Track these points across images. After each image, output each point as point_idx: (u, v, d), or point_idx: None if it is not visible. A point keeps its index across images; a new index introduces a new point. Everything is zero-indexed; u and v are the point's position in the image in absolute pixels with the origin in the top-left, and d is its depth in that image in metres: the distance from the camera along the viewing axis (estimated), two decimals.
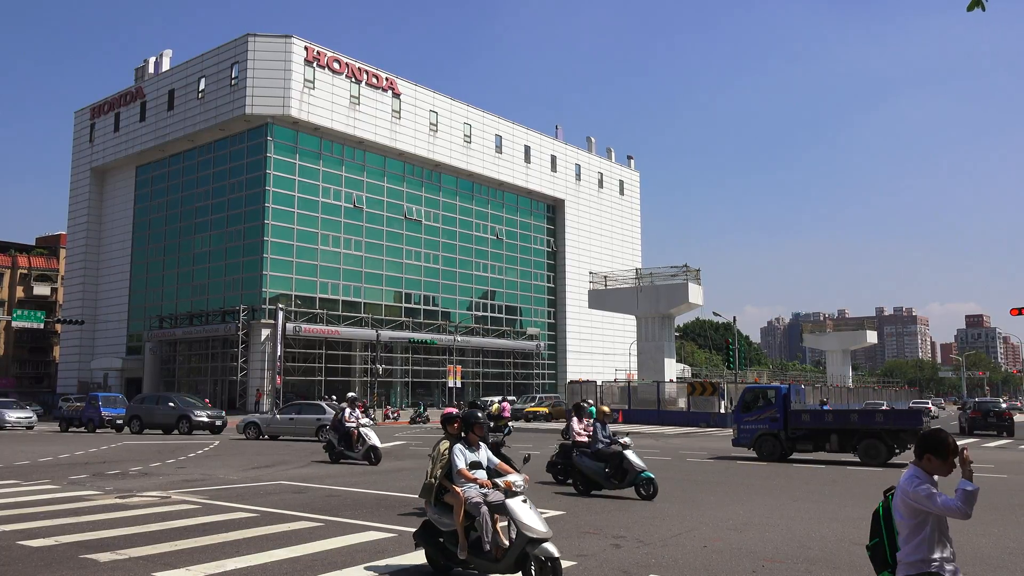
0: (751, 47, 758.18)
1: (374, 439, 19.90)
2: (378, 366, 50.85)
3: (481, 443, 7.75)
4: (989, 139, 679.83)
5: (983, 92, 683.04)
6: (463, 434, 7.74)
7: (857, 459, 21.19)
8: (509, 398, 57.36)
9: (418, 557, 8.44)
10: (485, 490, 7.27)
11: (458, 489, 7.31)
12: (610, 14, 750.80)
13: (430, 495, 7.47)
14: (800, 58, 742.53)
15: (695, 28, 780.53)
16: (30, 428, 38.47)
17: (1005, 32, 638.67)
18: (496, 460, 7.79)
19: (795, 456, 22.42)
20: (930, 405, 65.76)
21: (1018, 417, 66.62)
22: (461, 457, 7.47)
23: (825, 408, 26.03)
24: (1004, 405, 39.58)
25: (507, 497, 7.01)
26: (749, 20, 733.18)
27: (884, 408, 22.47)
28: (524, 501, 6.99)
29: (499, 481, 7.12)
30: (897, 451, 20.92)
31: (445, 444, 7.65)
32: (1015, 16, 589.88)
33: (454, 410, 7.86)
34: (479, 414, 7.68)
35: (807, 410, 23.31)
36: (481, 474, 7.47)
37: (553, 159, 77.91)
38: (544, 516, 11.19)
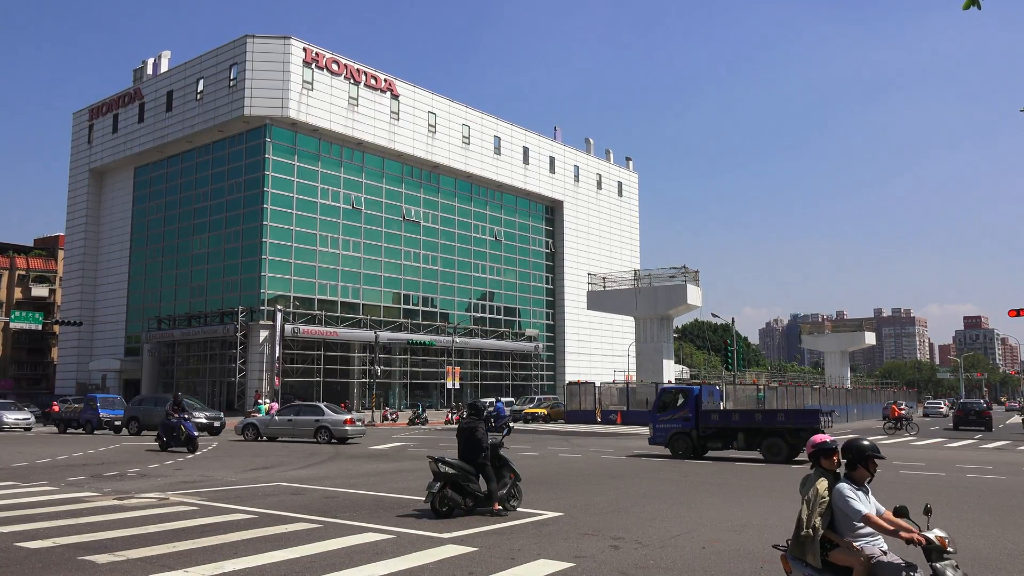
0: (749, 49, 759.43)
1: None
2: (376, 367, 50.80)
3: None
4: (988, 139, 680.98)
5: (981, 92, 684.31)
6: (839, 469, 5.87)
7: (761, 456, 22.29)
8: (506, 399, 57.44)
9: (416, 559, 8.43)
10: (883, 544, 5.56)
11: (856, 545, 5.53)
12: (608, 15, 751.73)
13: (806, 551, 5.61)
14: (797, 59, 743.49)
15: (693, 30, 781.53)
16: (28, 430, 38.43)
17: (1000, 33, 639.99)
18: (882, 508, 5.78)
19: (722, 454, 23.42)
20: (942, 405, 70.81)
21: (1017, 418, 67.19)
22: (858, 501, 5.57)
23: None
24: (984, 405, 45.79)
25: (934, 560, 5.24)
26: (747, 22, 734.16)
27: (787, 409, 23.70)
28: (956, 567, 5.28)
29: (930, 535, 5.29)
30: (803, 448, 21.60)
31: (823, 483, 5.73)
32: (1011, 16, 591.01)
33: (827, 437, 6.01)
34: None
35: (716, 410, 24.28)
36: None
37: (552, 160, 77.94)
38: (541, 517, 11.22)
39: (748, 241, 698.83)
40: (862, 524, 5.55)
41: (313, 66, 57.08)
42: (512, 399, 58.79)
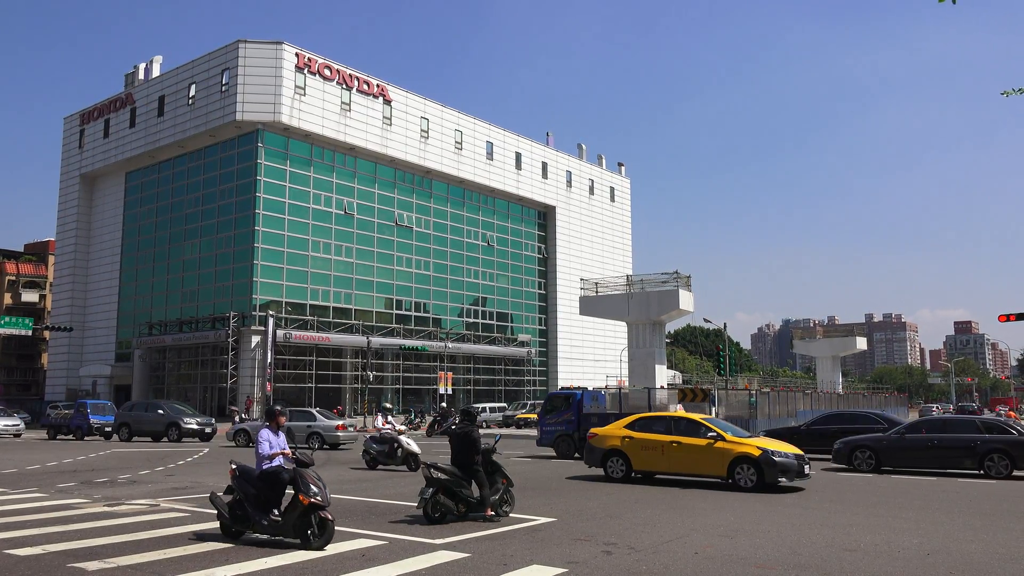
0: (741, 54, 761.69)
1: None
2: (369, 373, 50.71)
3: None
4: (979, 144, 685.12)
5: (974, 96, 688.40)
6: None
7: None
8: (499, 404, 57.39)
9: (408, 565, 8.42)
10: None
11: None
12: (601, 21, 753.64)
13: None
14: (789, 64, 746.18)
15: (686, 35, 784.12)
16: (18, 436, 38.17)
17: (995, 36, 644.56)
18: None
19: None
20: (934, 408, 75.24)
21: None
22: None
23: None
24: (975, 407, 47.80)
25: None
26: (740, 27, 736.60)
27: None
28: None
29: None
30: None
31: None
32: (1006, 20, 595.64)
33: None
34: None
35: (596, 413, 25.02)
36: None
37: (544, 166, 78.08)
38: (533, 523, 11.21)
39: (740, 246, 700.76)
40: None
41: (305, 71, 57.06)
42: (504, 404, 58.78)
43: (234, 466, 9.84)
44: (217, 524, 10.06)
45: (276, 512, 9.47)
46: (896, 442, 19.90)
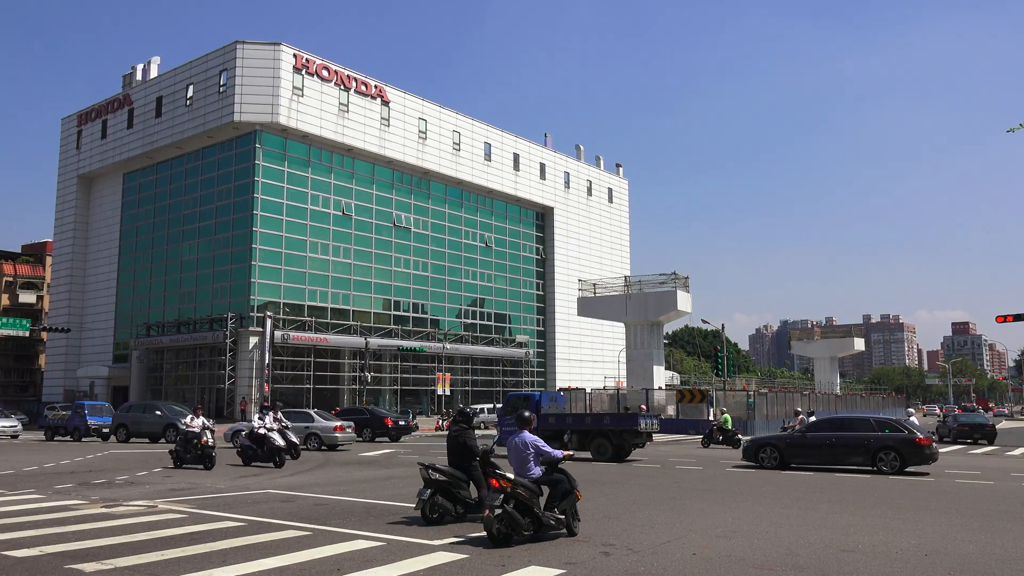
0: (739, 55, 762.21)
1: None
2: (367, 374, 50.69)
3: None
4: (976, 146, 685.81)
5: (970, 98, 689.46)
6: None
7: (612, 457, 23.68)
8: (498, 405, 57.35)
9: (406, 567, 8.42)
10: None
11: None
12: (600, 22, 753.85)
13: None
14: (787, 65, 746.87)
15: (685, 36, 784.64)
16: (15, 437, 38.12)
17: (992, 40, 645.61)
18: None
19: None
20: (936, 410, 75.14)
21: (1006, 423, 67.77)
22: None
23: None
24: (975, 407, 52.62)
25: None
26: (738, 28, 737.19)
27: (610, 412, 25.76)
28: None
29: None
30: (637, 446, 24.12)
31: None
32: (1004, 23, 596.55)
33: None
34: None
35: (552, 413, 25.82)
36: None
37: (542, 167, 78.10)
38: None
39: (739, 246, 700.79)
40: None
41: (303, 72, 57.05)
42: (501, 405, 58.74)
43: (511, 476, 9.86)
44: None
45: (556, 509, 9.99)
46: (799, 440, 21.11)
